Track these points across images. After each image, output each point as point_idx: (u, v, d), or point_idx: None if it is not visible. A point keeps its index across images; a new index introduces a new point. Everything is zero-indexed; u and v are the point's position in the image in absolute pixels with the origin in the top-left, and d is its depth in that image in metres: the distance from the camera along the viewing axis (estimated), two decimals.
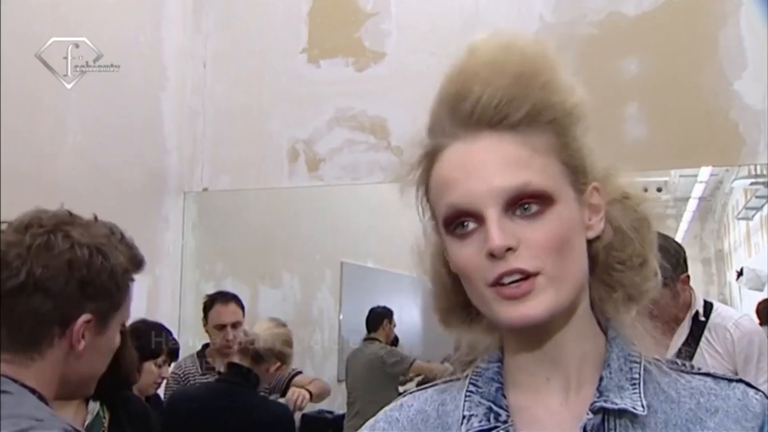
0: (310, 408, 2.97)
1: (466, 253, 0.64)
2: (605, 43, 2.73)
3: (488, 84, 0.64)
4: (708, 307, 2.15)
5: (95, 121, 2.73)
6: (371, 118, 3.00)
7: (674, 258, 2.06)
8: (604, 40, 2.73)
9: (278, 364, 2.27)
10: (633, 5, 2.72)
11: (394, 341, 3.86)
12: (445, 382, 0.74)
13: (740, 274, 4.97)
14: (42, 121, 2.52)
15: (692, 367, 0.70)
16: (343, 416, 3.45)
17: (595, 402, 0.65)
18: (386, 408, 0.75)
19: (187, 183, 3.22)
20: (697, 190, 5.52)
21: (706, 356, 2.09)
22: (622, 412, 0.64)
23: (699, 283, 2.27)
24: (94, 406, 1.47)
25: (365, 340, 3.78)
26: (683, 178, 5.20)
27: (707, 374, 0.69)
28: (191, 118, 3.24)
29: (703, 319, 2.13)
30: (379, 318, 3.79)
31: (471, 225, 0.64)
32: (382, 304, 3.87)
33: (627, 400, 0.64)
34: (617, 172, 0.71)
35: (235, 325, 2.68)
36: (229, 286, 3.51)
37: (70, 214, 1.02)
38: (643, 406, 0.64)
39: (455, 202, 0.64)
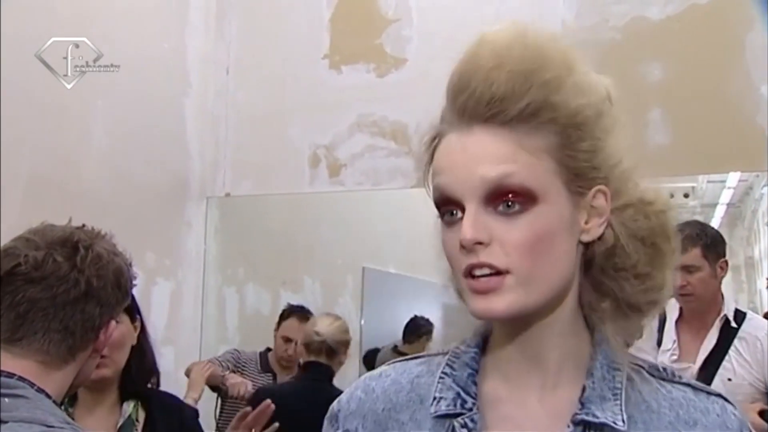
0: None
1: (450, 241, 0.65)
2: (628, 48, 2.70)
3: (485, 79, 0.63)
4: (741, 315, 2.14)
5: (119, 127, 2.76)
6: (392, 124, 2.99)
7: (717, 237, 2.14)
8: (627, 44, 2.70)
9: (346, 353, 2.40)
10: (657, 10, 2.68)
11: None
12: (428, 355, 0.75)
13: None
14: (66, 128, 2.56)
15: (673, 374, 0.69)
16: None
17: (576, 414, 0.64)
18: (366, 375, 0.76)
19: (210, 188, 3.25)
20: (726, 196, 5.43)
21: (734, 364, 2.07)
22: (602, 426, 0.63)
23: (728, 291, 2.25)
24: (128, 408, 1.45)
25: (395, 350, 3.70)
26: (711, 184, 5.11)
27: (687, 384, 0.68)
28: (214, 123, 3.27)
29: (734, 326, 2.11)
30: (418, 333, 3.74)
31: (459, 214, 0.64)
32: (418, 313, 3.81)
33: (608, 413, 0.63)
34: (638, 176, 0.68)
35: None
36: (250, 291, 3.53)
37: (84, 226, 1.09)
38: (623, 421, 0.63)
39: (441, 189, 0.65)
